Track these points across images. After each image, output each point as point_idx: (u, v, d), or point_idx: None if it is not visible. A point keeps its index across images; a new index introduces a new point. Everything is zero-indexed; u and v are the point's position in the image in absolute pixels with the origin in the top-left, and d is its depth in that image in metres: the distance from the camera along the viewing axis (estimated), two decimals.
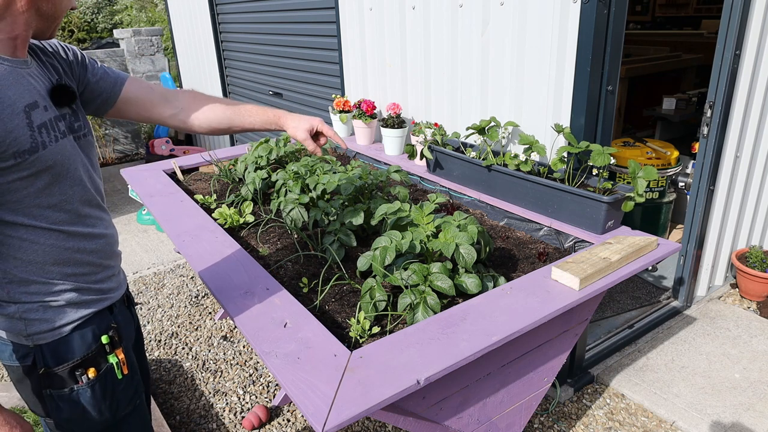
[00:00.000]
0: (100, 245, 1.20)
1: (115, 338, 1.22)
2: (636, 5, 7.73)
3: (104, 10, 13.77)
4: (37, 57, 1.14)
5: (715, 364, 2.52)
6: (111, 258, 1.25)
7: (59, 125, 1.09)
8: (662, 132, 4.45)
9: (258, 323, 1.36)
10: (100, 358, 1.20)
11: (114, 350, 1.22)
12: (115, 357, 1.21)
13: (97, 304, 1.20)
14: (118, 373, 1.22)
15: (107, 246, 1.23)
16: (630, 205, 1.77)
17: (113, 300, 1.25)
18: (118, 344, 1.23)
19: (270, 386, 2.59)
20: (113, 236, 1.27)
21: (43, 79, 1.10)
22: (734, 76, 2.50)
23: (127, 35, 6.60)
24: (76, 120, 1.17)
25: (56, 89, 1.11)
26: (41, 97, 1.06)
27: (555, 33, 1.99)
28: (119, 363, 1.22)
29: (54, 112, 1.08)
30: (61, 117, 1.10)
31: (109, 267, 1.25)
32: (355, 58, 3.21)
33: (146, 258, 4.05)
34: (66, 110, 1.14)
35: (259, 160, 2.47)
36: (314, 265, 1.74)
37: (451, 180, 2.31)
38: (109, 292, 1.24)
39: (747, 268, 2.95)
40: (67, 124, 1.13)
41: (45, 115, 1.05)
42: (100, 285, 1.22)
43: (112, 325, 1.23)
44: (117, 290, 1.28)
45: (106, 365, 1.20)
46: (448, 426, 1.46)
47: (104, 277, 1.23)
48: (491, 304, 1.40)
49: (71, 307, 1.15)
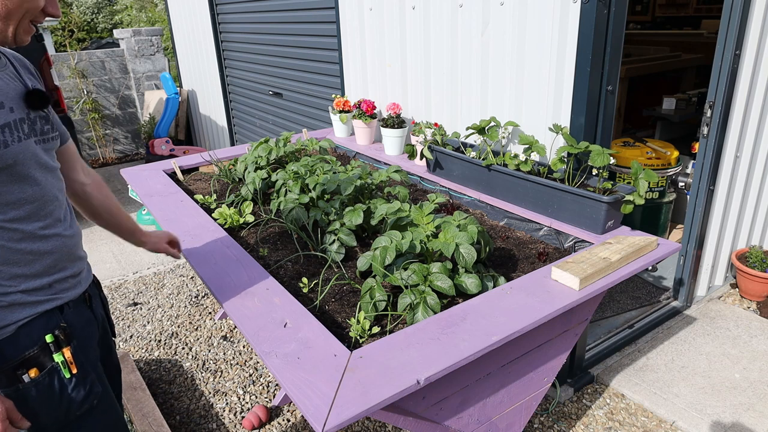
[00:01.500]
0: (55, 247, 1.20)
1: (62, 337, 1.20)
2: (636, 5, 7.73)
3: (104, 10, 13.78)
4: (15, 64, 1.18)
5: (715, 364, 2.52)
6: (68, 260, 1.25)
7: (23, 127, 1.11)
8: (662, 132, 4.45)
9: (258, 323, 1.36)
10: (44, 357, 1.18)
11: (60, 349, 1.19)
12: (61, 356, 1.19)
13: (45, 304, 1.19)
14: (66, 372, 1.20)
15: (64, 248, 1.23)
16: (629, 207, 1.77)
17: (65, 300, 1.24)
18: (65, 343, 1.20)
19: (270, 386, 2.59)
20: (74, 238, 1.27)
21: (16, 84, 1.13)
22: (734, 76, 2.50)
23: (127, 35, 6.60)
24: (46, 124, 1.20)
25: (31, 93, 1.14)
26: (8, 99, 1.09)
27: (555, 33, 1.99)
28: (65, 362, 1.20)
29: (21, 114, 1.11)
30: (29, 120, 1.13)
31: (65, 269, 1.24)
32: (355, 58, 3.21)
33: (146, 258, 4.05)
34: (37, 114, 1.17)
35: (259, 160, 2.47)
36: (314, 265, 1.74)
37: (451, 180, 2.31)
38: (61, 293, 1.23)
39: (747, 268, 2.95)
40: (38, 127, 1.16)
41: (9, 116, 1.08)
42: (52, 286, 1.21)
43: (61, 324, 1.21)
44: (72, 290, 1.27)
45: (50, 364, 1.18)
46: (448, 426, 1.46)
47: (58, 279, 1.22)
48: (491, 304, 1.40)
49: (16, 308, 1.15)
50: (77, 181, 1.45)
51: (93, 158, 6.70)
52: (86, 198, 1.48)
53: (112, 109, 6.70)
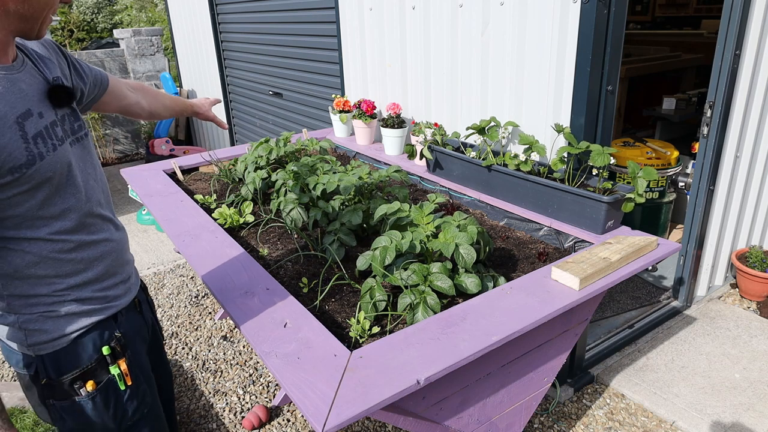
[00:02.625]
0: (105, 252, 1.17)
1: (117, 349, 1.19)
2: (636, 5, 7.73)
3: (104, 10, 13.79)
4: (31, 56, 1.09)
5: (715, 364, 2.52)
6: (118, 265, 1.22)
7: (56, 131, 1.04)
8: (662, 132, 4.45)
9: (258, 323, 1.36)
10: (101, 369, 1.16)
11: (116, 361, 1.18)
12: (117, 368, 1.18)
13: (99, 313, 1.17)
14: (121, 384, 1.19)
15: (114, 252, 1.19)
16: (630, 205, 1.77)
17: (119, 308, 1.22)
18: (120, 355, 1.19)
19: (270, 386, 2.59)
20: (121, 241, 1.23)
21: (38, 81, 1.05)
22: (734, 76, 2.50)
23: (127, 35, 6.60)
24: (77, 120, 1.13)
25: (53, 90, 1.06)
26: (35, 103, 1.01)
27: (555, 33, 1.99)
28: (121, 374, 1.19)
29: (51, 116, 1.04)
30: (59, 121, 1.06)
31: (116, 274, 1.21)
32: (355, 58, 3.21)
33: (146, 258, 4.05)
34: (65, 111, 1.10)
35: (259, 160, 2.47)
36: (314, 265, 1.74)
37: (451, 180, 2.31)
38: (114, 300, 1.20)
39: (747, 268, 2.95)
40: (68, 126, 1.09)
41: (40, 123, 1.00)
42: (105, 293, 1.18)
43: (116, 334, 1.19)
44: (124, 296, 1.24)
45: (107, 377, 1.17)
46: (448, 426, 1.46)
47: (110, 285, 1.19)
48: (491, 304, 1.40)
49: (72, 318, 1.12)
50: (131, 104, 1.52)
51: None
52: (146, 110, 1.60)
53: None
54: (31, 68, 1.06)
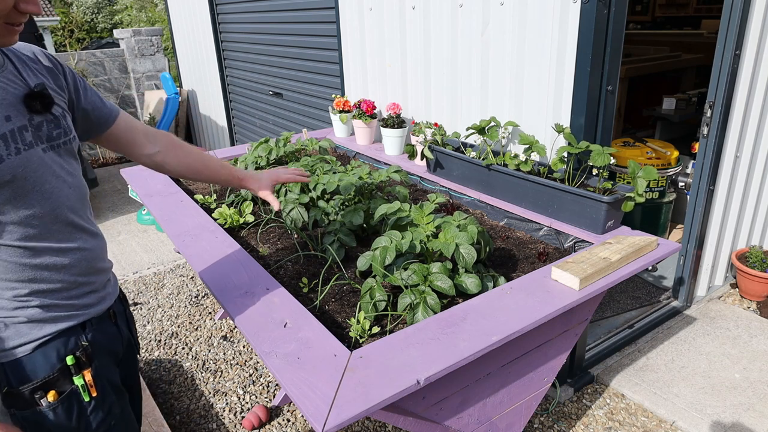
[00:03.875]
0: (74, 260, 1.12)
1: (83, 359, 1.13)
2: (636, 5, 7.73)
3: (104, 10, 13.79)
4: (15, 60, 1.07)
5: (715, 364, 2.52)
6: (89, 274, 1.17)
7: (24, 135, 1.01)
8: (662, 132, 4.45)
9: (258, 323, 1.36)
10: (64, 379, 1.11)
11: (81, 371, 1.13)
12: (81, 379, 1.13)
13: (65, 321, 1.12)
14: (85, 396, 1.14)
15: (84, 261, 1.15)
16: (630, 205, 1.77)
17: (88, 316, 1.17)
18: (86, 365, 1.14)
19: (270, 386, 2.59)
20: (95, 249, 1.19)
21: (16, 86, 1.03)
22: (734, 76, 2.50)
23: (127, 35, 6.60)
24: (57, 127, 1.09)
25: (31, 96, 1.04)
26: (3, 106, 0.99)
27: (555, 33, 1.99)
28: (85, 385, 1.13)
29: (21, 121, 1.01)
30: (31, 126, 1.03)
31: (87, 284, 1.17)
32: (355, 58, 3.21)
33: (146, 258, 4.05)
34: (42, 117, 1.06)
35: (258, 160, 2.47)
36: (314, 265, 1.74)
37: (451, 180, 2.31)
38: (83, 308, 1.16)
39: (747, 268, 2.95)
40: (44, 132, 1.06)
41: (4, 127, 0.98)
42: (73, 301, 1.14)
43: (82, 343, 1.14)
44: (96, 305, 1.19)
45: (70, 387, 1.12)
46: (448, 426, 1.46)
47: (79, 294, 1.15)
48: (491, 304, 1.40)
49: (35, 325, 1.08)
50: (144, 155, 1.35)
51: (93, 158, 6.70)
52: (162, 166, 1.39)
53: None
54: (12, 73, 1.04)
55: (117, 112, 1.31)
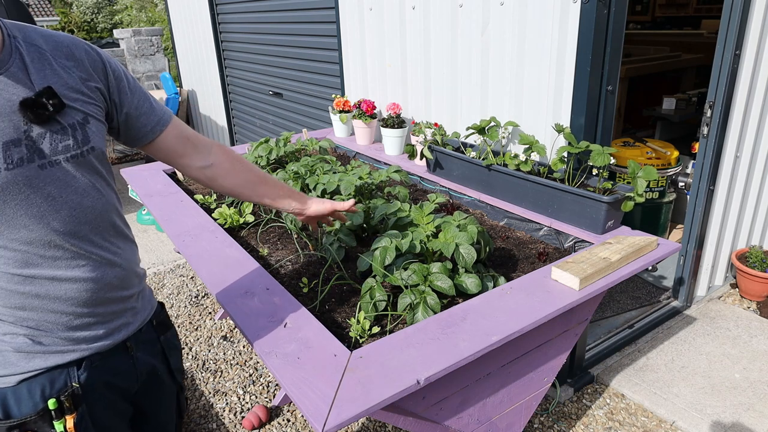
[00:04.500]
0: (72, 291, 0.99)
1: (67, 404, 1.01)
2: (636, 5, 7.73)
3: (104, 10, 13.79)
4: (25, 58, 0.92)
5: (715, 364, 2.52)
6: (95, 305, 1.03)
7: (11, 151, 0.87)
8: (662, 132, 4.45)
9: (258, 323, 1.36)
10: (43, 423, 1.00)
11: (63, 416, 1.01)
12: (62, 425, 1.00)
13: (56, 357, 1.00)
14: None
15: (87, 292, 1.01)
16: (630, 205, 1.77)
17: (88, 352, 1.04)
18: (69, 410, 1.01)
19: (270, 386, 2.59)
20: (103, 280, 1.03)
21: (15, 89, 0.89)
22: (734, 76, 2.50)
23: (127, 35, 6.60)
24: (64, 138, 0.94)
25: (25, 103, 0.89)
26: None
27: (555, 33, 1.99)
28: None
29: (11, 134, 0.88)
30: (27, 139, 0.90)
31: (92, 315, 1.03)
32: (355, 58, 3.21)
33: (146, 258, 4.05)
34: (45, 128, 0.92)
35: (259, 160, 2.47)
36: (314, 265, 1.74)
37: (451, 180, 2.31)
38: (82, 343, 1.03)
39: (747, 268, 2.95)
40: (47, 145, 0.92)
41: None
42: (70, 333, 1.01)
43: (72, 384, 1.02)
44: (102, 339, 1.06)
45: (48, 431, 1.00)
46: (448, 426, 1.46)
47: (80, 325, 1.02)
48: (491, 304, 1.40)
49: (22, 355, 0.97)
50: (193, 167, 1.21)
51: None
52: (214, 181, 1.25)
53: None
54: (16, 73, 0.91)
55: (167, 120, 1.15)
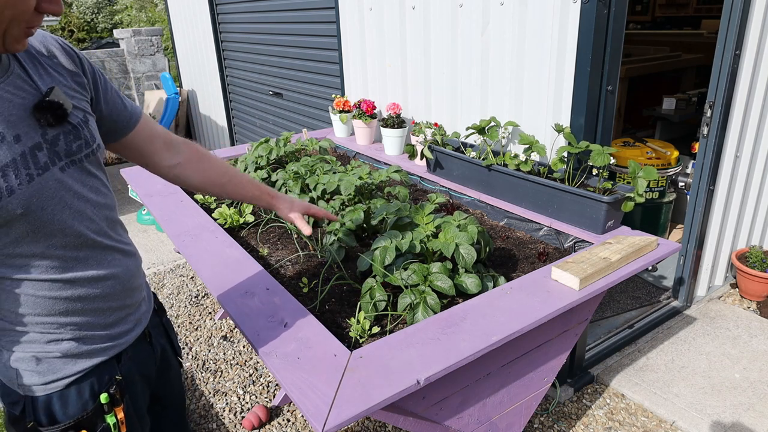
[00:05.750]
0: (107, 288, 1.02)
1: (116, 396, 1.05)
2: (636, 5, 7.74)
3: (104, 10, 13.80)
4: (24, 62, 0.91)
5: (715, 364, 2.52)
6: (124, 296, 1.07)
7: (37, 158, 0.87)
8: (662, 132, 4.45)
9: (258, 323, 1.36)
10: (97, 419, 1.03)
11: (113, 409, 1.05)
12: (113, 417, 1.05)
13: (101, 354, 1.04)
14: None
15: (118, 285, 1.04)
16: (630, 205, 1.77)
17: (124, 346, 1.09)
18: (118, 402, 1.06)
19: (270, 386, 2.59)
20: (127, 271, 1.07)
21: (25, 93, 0.89)
22: (734, 76, 2.50)
23: (127, 35, 6.60)
24: (77, 138, 0.94)
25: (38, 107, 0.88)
26: (11, 124, 0.85)
27: (555, 33, 1.99)
28: (117, 423, 1.06)
29: (33, 138, 0.87)
30: (46, 143, 0.89)
31: (122, 308, 1.07)
32: (355, 58, 3.21)
33: (146, 258, 4.05)
34: (59, 129, 0.91)
35: (259, 160, 2.47)
36: (314, 265, 1.74)
37: (451, 180, 2.31)
38: (119, 338, 1.07)
39: (747, 268, 2.95)
40: (61, 147, 0.92)
41: (13, 150, 0.84)
42: (109, 331, 1.05)
43: (116, 377, 1.06)
44: (132, 331, 1.11)
45: (102, 426, 1.04)
46: (448, 426, 1.46)
47: (115, 320, 1.06)
48: (491, 304, 1.40)
49: (68, 360, 1.00)
50: (162, 165, 1.21)
51: None
52: (183, 179, 1.25)
53: None
54: (19, 77, 0.89)
55: (138, 115, 1.14)
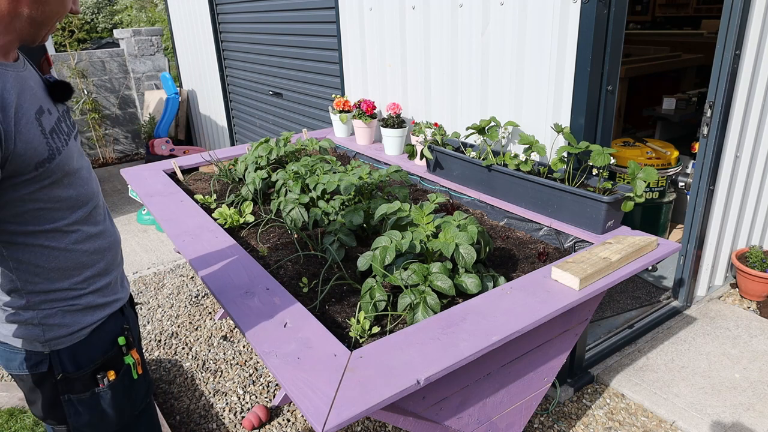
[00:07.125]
0: (110, 243, 1.20)
1: (130, 339, 1.23)
2: (636, 5, 7.74)
3: (104, 10, 13.79)
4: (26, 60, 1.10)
5: (715, 364, 2.52)
6: (119, 255, 1.26)
7: (62, 127, 1.07)
8: (662, 132, 4.45)
9: (258, 323, 1.36)
10: (118, 359, 1.20)
11: (129, 351, 1.22)
12: (131, 358, 1.22)
13: (112, 305, 1.21)
14: (134, 373, 1.23)
15: (115, 243, 1.24)
16: (630, 205, 1.77)
17: (123, 302, 1.26)
18: (132, 345, 1.24)
19: (270, 386, 2.59)
20: (117, 233, 1.28)
21: (38, 79, 1.08)
22: (734, 76, 2.50)
23: (127, 35, 6.60)
24: (69, 118, 1.15)
25: (55, 86, 1.08)
26: (43, 100, 1.04)
27: (555, 33, 1.99)
28: (135, 363, 1.23)
29: (56, 113, 1.06)
30: (63, 117, 1.09)
31: (119, 265, 1.26)
32: (355, 58, 3.21)
33: (146, 258, 4.05)
34: (62, 107, 1.12)
35: (259, 160, 2.47)
36: (314, 265, 1.74)
37: (451, 180, 2.31)
38: (120, 293, 1.25)
39: (747, 268, 2.95)
40: (69, 122, 1.12)
41: (51, 119, 1.03)
42: (115, 286, 1.22)
43: (125, 326, 1.23)
44: (125, 291, 1.29)
45: (123, 366, 1.21)
46: (448, 426, 1.46)
47: (116, 277, 1.24)
48: (491, 304, 1.40)
49: (90, 310, 1.15)
50: None
51: (93, 158, 6.70)
52: None
53: (112, 109, 6.70)
54: (30, 68, 1.08)
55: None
